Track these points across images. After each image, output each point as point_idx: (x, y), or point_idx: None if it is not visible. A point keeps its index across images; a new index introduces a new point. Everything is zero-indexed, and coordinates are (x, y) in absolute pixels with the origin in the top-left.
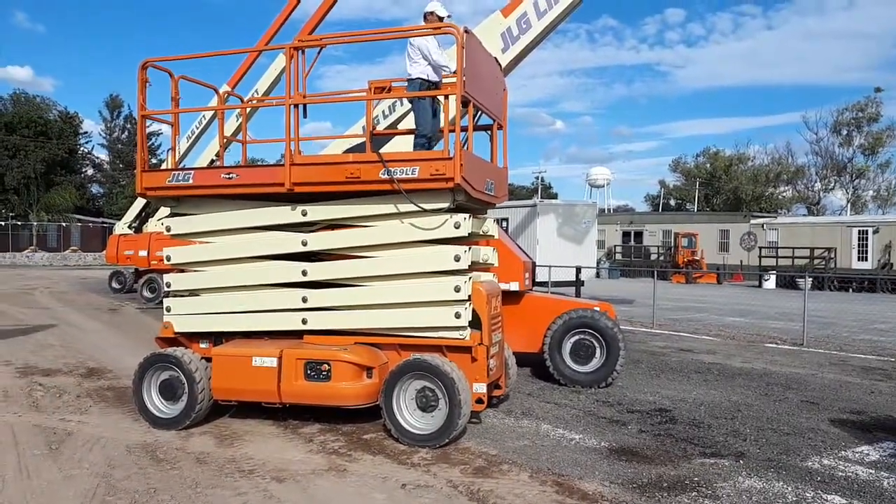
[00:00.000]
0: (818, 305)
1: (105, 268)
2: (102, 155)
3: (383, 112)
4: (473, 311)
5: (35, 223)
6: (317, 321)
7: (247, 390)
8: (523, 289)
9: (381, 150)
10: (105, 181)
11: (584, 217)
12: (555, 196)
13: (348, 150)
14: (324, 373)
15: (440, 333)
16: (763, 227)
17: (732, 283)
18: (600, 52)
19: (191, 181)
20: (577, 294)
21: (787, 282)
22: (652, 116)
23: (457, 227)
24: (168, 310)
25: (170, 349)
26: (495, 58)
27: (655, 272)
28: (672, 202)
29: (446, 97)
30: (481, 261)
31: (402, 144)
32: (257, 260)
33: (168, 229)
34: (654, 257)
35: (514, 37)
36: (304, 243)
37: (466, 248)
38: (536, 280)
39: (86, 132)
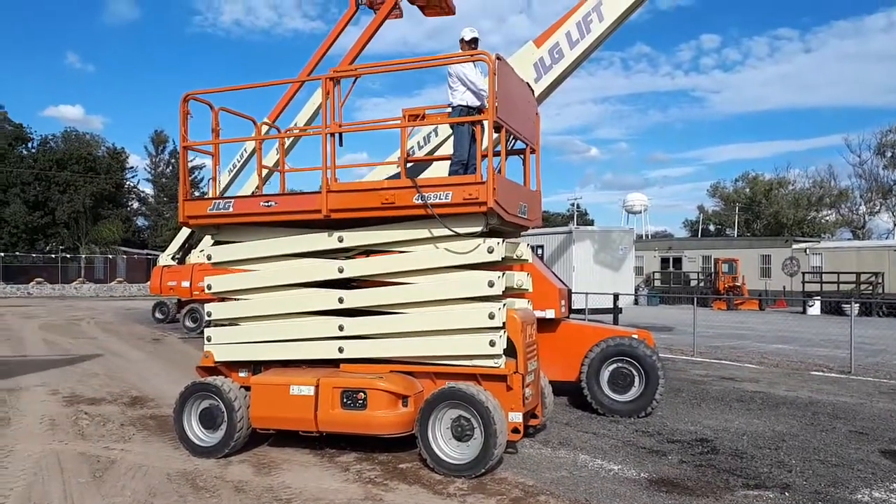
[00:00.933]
0: (866, 332)
1: (149, 298)
2: (147, 189)
3: (419, 143)
4: (508, 338)
5: (83, 255)
6: (353, 349)
7: (284, 418)
8: (559, 316)
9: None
10: (150, 214)
11: (621, 243)
12: (591, 223)
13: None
14: (360, 401)
15: (475, 362)
16: (806, 251)
17: (775, 310)
18: (635, 78)
19: (231, 209)
20: (615, 321)
21: (833, 308)
22: (689, 141)
23: (490, 251)
24: (209, 339)
25: (210, 378)
26: (528, 83)
27: (695, 299)
28: (711, 227)
29: (479, 122)
30: (516, 286)
31: (438, 173)
32: (295, 287)
33: (209, 258)
34: (693, 284)
35: (546, 66)
36: (341, 270)
37: (500, 273)
38: (573, 307)
39: (132, 167)
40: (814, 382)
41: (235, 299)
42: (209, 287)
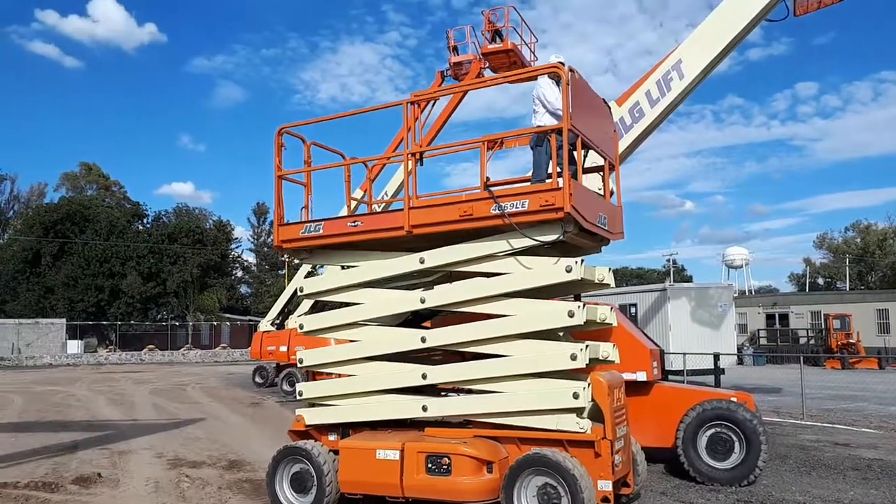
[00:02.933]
0: None
1: (250, 363)
2: (250, 258)
3: None
4: (596, 403)
5: (191, 323)
6: (436, 408)
7: (371, 483)
8: (651, 378)
9: None
10: (252, 282)
11: (720, 300)
12: (689, 279)
13: None
14: (444, 466)
15: (559, 420)
16: None
17: None
18: (728, 130)
19: (321, 231)
20: (717, 383)
21: None
22: (790, 192)
23: (568, 270)
24: (300, 394)
25: (301, 442)
26: (604, 99)
27: (802, 357)
28: (820, 281)
29: (554, 132)
30: (601, 357)
31: None
32: (382, 360)
33: (301, 327)
34: (802, 341)
35: (627, 126)
36: (423, 300)
37: (580, 304)
38: (670, 368)
39: (237, 238)
40: None
41: (326, 373)
42: (301, 361)
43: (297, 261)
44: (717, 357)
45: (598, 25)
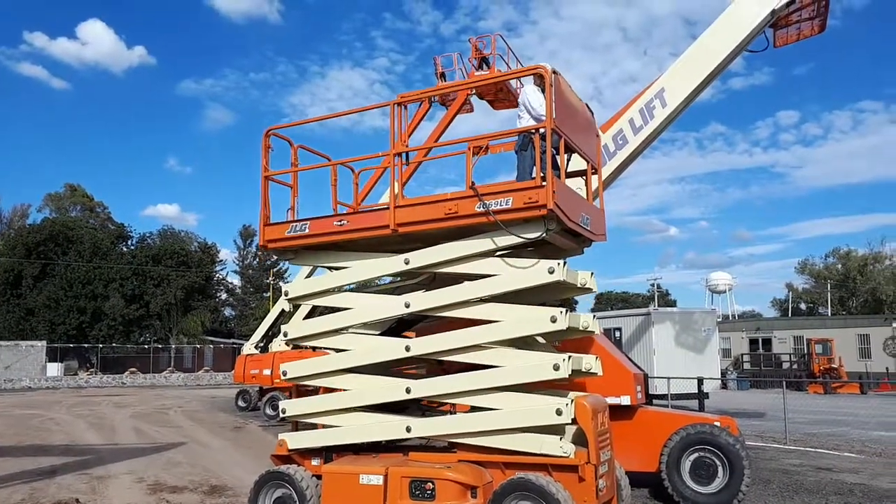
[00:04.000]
0: None
1: (233, 387)
2: (235, 280)
3: None
4: (580, 428)
5: (173, 346)
6: (420, 429)
7: None
8: (635, 403)
9: None
10: (237, 304)
11: (704, 325)
12: (673, 303)
13: None
14: (428, 492)
15: (542, 447)
16: None
17: (878, 393)
18: (711, 157)
19: (307, 230)
20: (701, 407)
21: None
22: (772, 218)
23: (550, 271)
24: (283, 412)
25: (283, 466)
26: (587, 104)
27: (785, 382)
28: (802, 306)
29: (536, 131)
30: (584, 369)
31: None
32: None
33: (286, 334)
34: (785, 366)
35: (611, 153)
36: (407, 305)
37: (563, 309)
38: (655, 393)
39: (221, 260)
40: None
41: (310, 386)
42: (284, 374)
43: (284, 261)
44: (700, 381)
45: (583, 53)
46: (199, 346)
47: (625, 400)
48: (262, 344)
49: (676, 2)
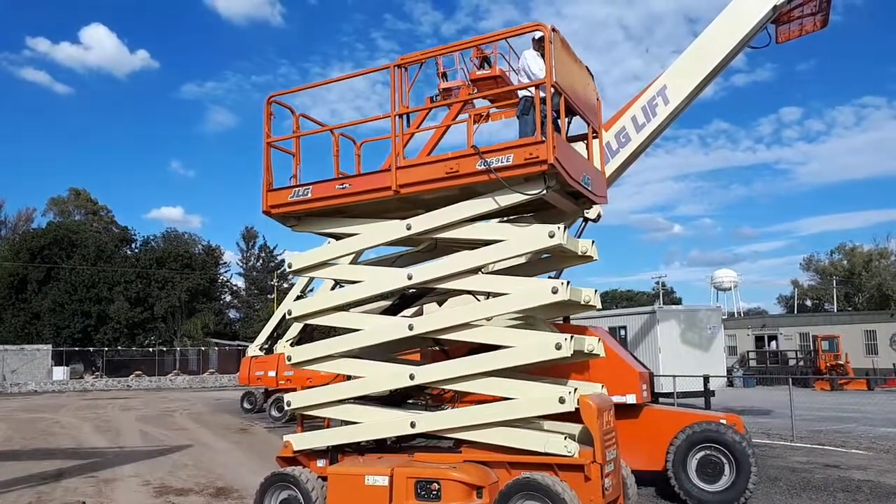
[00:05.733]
0: None
1: (238, 389)
2: (239, 282)
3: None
4: (585, 427)
5: (178, 348)
6: (424, 424)
7: None
8: (641, 401)
9: None
10: (241, 307)
11: (709, 322)
12: (679, 301)
13: None
14: (433, 492)
15: (546, 446)
16: None
17: (886, 389)
18: (714, 154)
19: (310, 195)
20: (707, 405)
21: None
22: (776, 215)
23: (551, 236)
24: (288, 404)
25: (289, 468)
26: (587, 67)
27: (790, 379)
28: (808, 303)
29: (537, 87)
30: (586, 350)
31: None
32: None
33: (288, 312)
34: (791, 363)
35: (613, 150)
36: (410, 277)
37: (564, 281)
38: (660, 391)
39: (225, 262)
40: None
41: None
42: (289, 359)
43: (287, 226)
44: (706, 379)
45: (584, 52)
46: (203, 348)
47: (630, 398)
48: (266, 346)
49: None
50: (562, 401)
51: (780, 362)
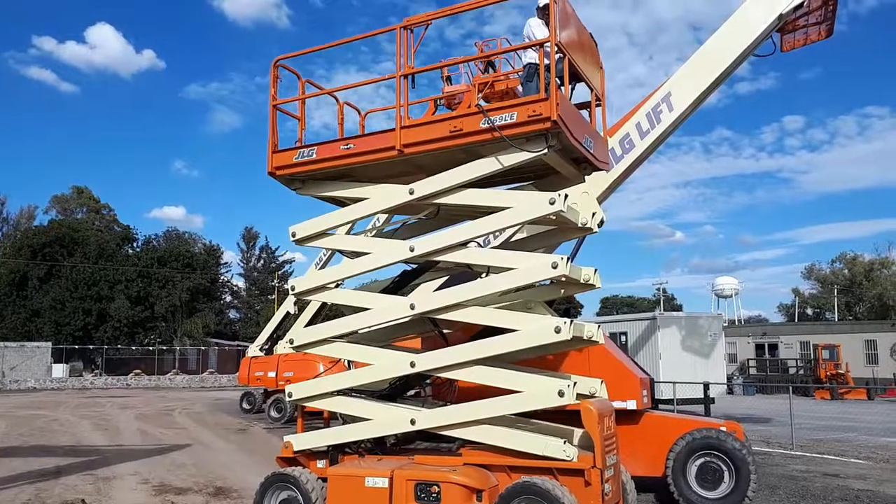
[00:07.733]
0: None
1: (238, 389)
2: (240, 283)
3: (493, 234)
4: (586, 432)
5: (177, 348)
6: (424, 420)
7: None
8: (641, 407)
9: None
10: (241, 307)
11: (710, 329)
12: (679, 308)
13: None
14: (433, 495)
15: (545, 449)
16: None
17: (886, 399)
18: (716, 162)
19: (314, 156)
20: (707, 412)
21: None
22: (778, 223)
23: (552, 202)
24: (290, 395)
25: (289, 469)
26: (591, 34)
27: (791, 388)
28: (808, 311)
29: (541, 45)
30: (585, 336)
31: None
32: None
33: (292, 288)
34: (791, 371)
35: (617, 156)
36: (412, 249)
37: (564, 256)
38: (660, 397)
39: (226, 262)
40: None
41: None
42: (291, 342)
43: (291, 190)
44: (706, 386)
45: None
46: (203, 348)
47: (631, 404)
48: (266, 346)
49: (682, 7)
50: (561, 394)
51: (780, 370)
